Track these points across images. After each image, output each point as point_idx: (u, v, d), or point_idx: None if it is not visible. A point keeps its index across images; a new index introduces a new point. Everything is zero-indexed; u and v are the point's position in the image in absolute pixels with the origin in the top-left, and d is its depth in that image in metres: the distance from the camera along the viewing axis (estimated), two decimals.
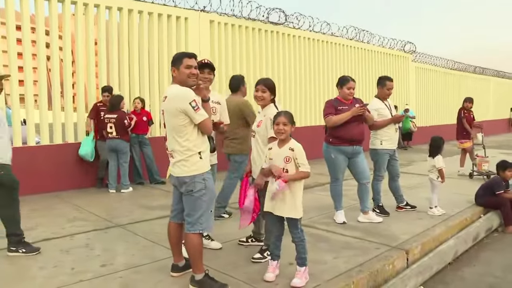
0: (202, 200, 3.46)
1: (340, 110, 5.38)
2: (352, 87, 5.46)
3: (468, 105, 10.02)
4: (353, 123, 5.37)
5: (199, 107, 3.39)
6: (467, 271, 4.70)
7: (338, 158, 5.48)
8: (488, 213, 6.34)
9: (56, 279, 3.76)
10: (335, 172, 5.61)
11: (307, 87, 12.78)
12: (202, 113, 3.39)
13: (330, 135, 5.51)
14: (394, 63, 16.42)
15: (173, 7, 9.59)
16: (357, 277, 3.79)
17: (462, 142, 9.77)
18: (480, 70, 22.70)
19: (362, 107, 5.37)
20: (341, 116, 5.33)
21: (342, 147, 5.43)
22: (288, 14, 11.92)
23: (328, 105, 5.52)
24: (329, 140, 5.53)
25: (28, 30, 7.67)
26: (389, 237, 4.93)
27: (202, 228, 3.49)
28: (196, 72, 3.54)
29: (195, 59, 3.58)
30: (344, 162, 5.52)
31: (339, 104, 5.46)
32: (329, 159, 5.58)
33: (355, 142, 5.45)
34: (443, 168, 5.96)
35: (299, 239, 3.70)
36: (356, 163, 5.53)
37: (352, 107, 5.38)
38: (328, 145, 5.56)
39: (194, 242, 3.50)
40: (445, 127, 18.22)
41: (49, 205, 6.38)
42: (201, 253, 3.54)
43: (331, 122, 5.38)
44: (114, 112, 7.75)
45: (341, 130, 5.37)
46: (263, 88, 4.24)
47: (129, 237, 5.07)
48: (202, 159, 3.47)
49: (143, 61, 9.30)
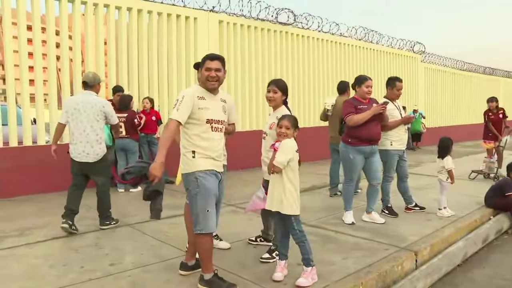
0: (196, 199, 3.44)
1: (360, 110, 5.33)
2: (370, 86, 5.45)
3: (492, 105, 9.65)
4: (372, 122, 5.33)
5: (178, 105, 3.38)
6: (477, 272, 4.67)
7: (356, 159, 5.43)
8: (498, 215, 6.28)
9: (65, 278, 3.79)
10: (351, 172, 5.55)
11: (315, 87, 12.75)
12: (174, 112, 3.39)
13: (349, 135, 5.45)
14: (403, 63, 16.35)
15: (182, 7, 9.62)
16: (365, 278, 3.78)
17: (485, 142, 9.69)
18: (490, 70, 22.54)
19: (383, 106, 5.34)
20: (362, 115, 5.28)
21: (361, 147, 5.38)
22: (297, 15, 11.90)
23: (347, 104, 5.47)
24: (348, 141, 5.46)
25: (39, 30, 7.72)
26: (398, 238, 4.91)
27: (200, 229, 3.44)
28: (215, 74, 3.50)
29: (220, 62, 3.55)
30: (361, 162, 5.47)
31: (358, 103, 5.42)
32: (347, 159, 5.51)
33: (373, 141, 5.43)
34: (452, 169, 5.92)
35: (298, 240, 3.71)
36: (371, 163, 5.51)
37: (371, 106, 5.35)
38: (346, 145, 5.49)
39: (201, 243, 3.51)
40: (454, 128, 18.15)
41: (59, 204, 6.38)
42: (209, 253, 3.53)
43: (352, 121, 5.31)
44: (124, 111, 7.78)
45: (361, 130, 5.32)
46: (274, 88, 4.24)
47: (138, 236, 5.09)
48: (195, 158, 3.45)
49: (152, 61, 9.33)
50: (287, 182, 3.65)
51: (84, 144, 5.20)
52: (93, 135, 5.22)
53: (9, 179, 7.24)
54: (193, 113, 3.43)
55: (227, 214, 5.99)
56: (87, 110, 5.22)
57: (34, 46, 7.72)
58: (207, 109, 3.48)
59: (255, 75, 11.10)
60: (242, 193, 7.23)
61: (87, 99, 5.29)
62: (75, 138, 5.22)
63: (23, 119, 7.72)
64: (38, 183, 7.49)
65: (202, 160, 3.46)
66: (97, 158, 5.26)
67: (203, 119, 3.46)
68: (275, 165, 3.61)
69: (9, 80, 7.52)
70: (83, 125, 5.20)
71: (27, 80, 7.62)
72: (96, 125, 5.25)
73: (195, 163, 3.45)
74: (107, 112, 5.36)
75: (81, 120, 5.20)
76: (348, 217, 5.59)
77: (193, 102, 3.43)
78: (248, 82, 10.94)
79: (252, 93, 11.02)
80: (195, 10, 9.83)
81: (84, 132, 5.20)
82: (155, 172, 3.29)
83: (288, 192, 3.64)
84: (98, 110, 5.26)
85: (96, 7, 8.50)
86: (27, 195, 7.29)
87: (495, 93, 14.48)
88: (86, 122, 5.20)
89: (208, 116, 3.49)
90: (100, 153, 5.28)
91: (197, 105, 3.44)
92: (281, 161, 3.59)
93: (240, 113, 10.38)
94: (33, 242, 4.84)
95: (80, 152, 5.20)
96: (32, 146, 7.74)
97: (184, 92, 3.49)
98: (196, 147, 3.45)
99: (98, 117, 5.26)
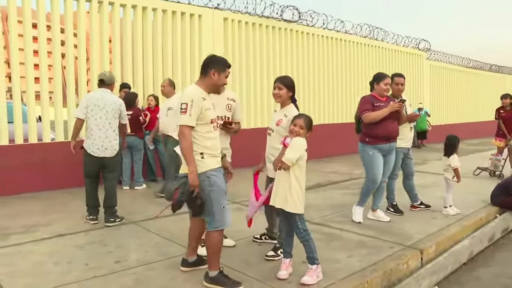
0: (211, 197, 3.48)
1: (377, 107, 5.27)
2: (388, 83, 5.39)
3: (506, 102, 9.43)
4: (388, 120, 5.27)
5: (189, 110, 3.39)
6: (483, 271, 4.65)
7: (376, 154, 5.34)
8: (504, 213, 6.25)
9: (70, 275, 3.80)
10: (372, 170, 5.36)
11: (320, 85, 12.72)
12: (186, 118, 3.40)
13: (366, 134, 5.39)
14: (408, 61, 16.28)
15: (187, 5, 9.62)
16: (371, 276, 3.77)
17: (496, 139, 9.64)
18: (496, 68, 22.42)
19: (400, 104, 5.30)
20: (379, 112, 5.22)
21: (379, 145, 5.33)
22: (302, 12, 11.88)
23: (364, 102, 5.41)
24: (366, 140, 5.39)
25: (44, 28, 7.74)
26: (403, 236, 4.89)
27: (217, 226, 3.52)
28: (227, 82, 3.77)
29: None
30: (381, 159, 5.38)
31: (375, 100, 5.35)
32: (366, 157, 5.40)
33: (391, 139, 5.38)
34: (458, 168, 5.89)
35: (302, 239, 3.70)
36: (387, 161, 5.46)
37: (387, 104, 5.29)
38: (364, 144, 5.41)
39: (212, 239, 3.54)
40: (460, 126, 18.08)
41: (63, 201, 6.44)
42: (218, 250, 3.56)
43: (369, 118, 5.25)
44: (129, 108, 7.77)
45: (378, 128, 5.26)
46: (279, 85, 4.24)
47: (143, 234, 5.10)
48: (204, 159, 3.47)
49: (157, 59, 9.34)
50: (294, 180, 3.64)
51: (103, 139, 5.44)
52: (111, 131, 5.49)
53: (14, 176, 7.27)
54: (200, 115, 3.46)
55: (232, 212, 5.93)
56: (106, 107, 5.47)
57: (39, 44, 7.73)
58: (209, 109, 3.53)
59: (260, 73, 11.09)
60: (247, 191, 7.15)
61: (106, 96, 5.55)
62: (94, 134, 5.44)
63: (29, 117, 7.74)
64: (43, 181, 7.51)
65: (210, 160, 3.51)
66: (114, 153, 5.52)
67: (208, 119, 3.50)
68: (284, 161, 3.59)
69: (14, 78, 7.54)
70: (102, 121, 5.45)
71: (33, 78, 7.64)
72: (113, 122, 5.53)
73: (205, 163, 3.48)
74: (122, 111, 5.66)
75: (100, 116, 5.45)
76: (358, 214, 5.51)
77: (200, 104, 3.45)
78: (253, 80, 10.93)
79: (257, 90, 11.01)
80: (200, 8, 9.83)
81: (104, 127, 5.45)
82: (196, 183, 3.39)
83: (294, 190, 3.63)
84: (116, 108, 5.55)
85: (101, 4, 8.51)
86: (32, 192, 7.31)
87: (501, 90, 14.37)
88: (105, 118, 5.46)
89: (212, 116, 3.55)
90: (116, 148, 5.54)
91: (204, 107, 3.47)
92: (290, 158, 3.58)
93: (245, 111, 10.37)
94: (38, 239, 4.86)
95: (99, 147, 5.44)
96: (38, 144, 7.76)
97: (192, 95, 3.46)
98: (203, 148, 3.48)
99: (115, 114, 5.55)
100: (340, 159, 11.92)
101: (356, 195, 5.94)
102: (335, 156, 12.31)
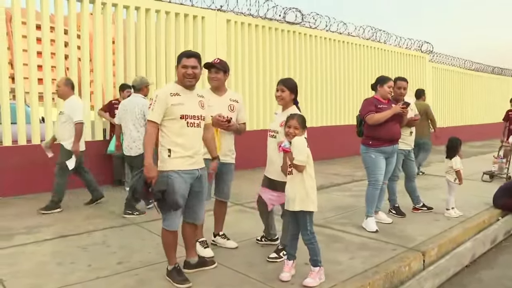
0: (164, 198, 3.50)
1: (380, 109, 5.27)
2: (392, 86, 5.40)
3: None
4: (390, 122, 5.26)
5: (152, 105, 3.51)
6: (485, 273, 4.65)
7: (378, 157, 5.31)
8: (507, 215, 6.24)
9: (73, 276, 3.81)
10: (375, 173, 5.33)
11: (323, 87, 12.71)
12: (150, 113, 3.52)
13: (369, 137, 5.36)
14: (411, 63, 16.25)
15: (190, 7, 9.63)
16: (373, 278, 3.77)
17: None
18: (499, 70, 22.38)
19: (403, 106, 5.29)
20: (384, 114, 5.21)
21: (382, 147, 5.30)
22: (304, 14, 11.87)
23: (367, 103, 5.40)
24: (369, 143, 5.36)
25: (48, 30, 7.77)
26: (405, 238, 4.89)
27: (165, 226, 3.67)
28: (192, 72, 3.58)
29: (197, 59, 3.64)
30: (384, 162, 5.35)
31: (378, 102, 5.35)
32: (369, 159, 5.36)
33: (394, 141, 5.39)
34: (460, 170, 5.89)
35: (308, 241, 3.71)
36: (389, 163, 5.45)
37: (390, 106, 5.30)
38: (367, 147, 5.37)
39: (163, 237, 3.73)
40: (462, 128, 18.03)
41: (66, 202, 6.45)
42: (170, 247, 3.72)
43: (372, 119, 5.24)
44: None
45: (381, 130, 5.25)
46: (282, 87, 4.25)
47: (145, 235, 5.11)
48: (170, 157, 3.50)
49: (160, 60, 9.35)
50: (308, 178, 3.70)
51: (128, 140, 6.06)
52: (135, 132, 6.01)
53: (17, 177, 7.29)
54: (167, 110, 3.51)
55: (235, 213, 6.00)
56: (130, 110, 6.03)
57: (43, 45, 7.76)
58: (181, 104, 3.54)
59: (263, 75, 11.09)
60: (250, 192, 7.20)
61: (134, 100, 6.14)
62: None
63: (32, 118, 7.76)
64: (46, 181, 7.51)
65: (177, 160, 3.53)
66: (138, 153, 5.92)
67: (177, 115, 3.52)
68: (297, 164, 3.61)
69: (18, 79, 7.56)
70: (127, 123, 6.05)
71: (36, 79, 7.67)
72: (138, 124, 6.01)
73: (170, 162, 3.52)
74: (146, 112, 5.87)
75: (125, 119, 6.09)
76: (371, 223, 5.29)
77: (166, 99, 3.50)
78: (256, 82, 10.93)
79: (259, 92, 11.01)
80: (203, 9, 9.84)
81: (128, 129, 6.05)
82: (150, 174, 3.47)
83: (310, 188, 3.69)
84: (139, 110, 6.00)
85: (104, 6, 8.53)
86: (35, 193, 7.32)
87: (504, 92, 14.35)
88: (129, 120, 6.03)
89: (182, 112, 3.54)
90: (142, 148, 5.68)
91: (170, 102, 3.51)
92: (302, 159, 3.62)
93: (248, 113, 10.37)
94: (41, 240, 4.87)
95: (124, 147, 6.14)
96: (40, 145, 7.75)
97: (157, 91, 3.60)
98: (172, 145, 3.51)
99: (139, 115, 6.02)
100: (342, 161, 11.91)
101: (358, 197, 5.95)
102: (337, 158, 12.30)
